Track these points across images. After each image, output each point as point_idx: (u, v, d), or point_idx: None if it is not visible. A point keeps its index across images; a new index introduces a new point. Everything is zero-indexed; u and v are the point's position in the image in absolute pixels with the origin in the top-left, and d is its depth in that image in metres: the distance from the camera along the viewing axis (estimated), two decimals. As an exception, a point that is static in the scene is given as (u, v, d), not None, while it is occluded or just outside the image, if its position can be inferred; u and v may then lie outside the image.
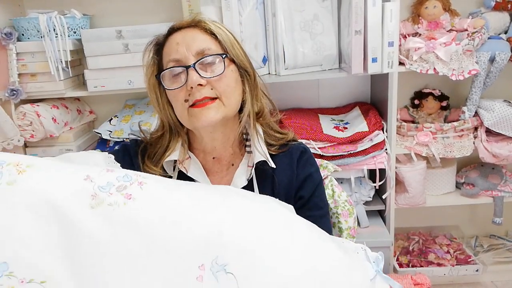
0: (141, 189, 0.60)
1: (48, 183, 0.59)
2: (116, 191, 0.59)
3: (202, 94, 0.81)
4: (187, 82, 0.81)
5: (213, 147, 0.90)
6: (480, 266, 1.77)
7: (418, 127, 1.65)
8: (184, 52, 0.83)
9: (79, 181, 0.60)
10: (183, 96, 0.82)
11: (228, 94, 0.83)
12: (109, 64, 1.55)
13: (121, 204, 0.58)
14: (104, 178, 0.61)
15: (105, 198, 0.58)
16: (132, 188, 0.60)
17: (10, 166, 0.59)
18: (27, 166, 0.60)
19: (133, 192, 0.59)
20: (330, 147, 1.54)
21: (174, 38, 0.86)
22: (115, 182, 0.60)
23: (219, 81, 0.82)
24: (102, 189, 0.59)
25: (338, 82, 1.84)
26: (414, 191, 1.66)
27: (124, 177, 0.61)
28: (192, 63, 0.81)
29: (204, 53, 0.83)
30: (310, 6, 1.54)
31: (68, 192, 0.58)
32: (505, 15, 1.67)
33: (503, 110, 1.58)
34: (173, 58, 0.84)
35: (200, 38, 0.84)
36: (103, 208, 0.58)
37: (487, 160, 1.64)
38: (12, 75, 1.53)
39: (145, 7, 1.72)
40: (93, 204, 0.58)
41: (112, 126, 1.67)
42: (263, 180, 0.90)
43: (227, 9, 1.44)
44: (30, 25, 1.51)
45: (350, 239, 1.11)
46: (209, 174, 0.90)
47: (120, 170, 0.64)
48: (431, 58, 1.54)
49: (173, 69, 0.83)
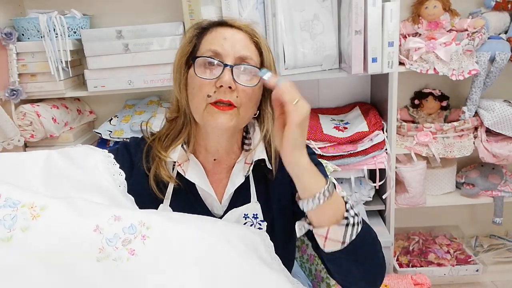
0: (144, 245, 0.64)
1: (59, 233, 0.61)
2: (122, 245, 0.63)
3: (227, 97, 0.80)
4: (220, 79, 0.80)
5: (216, 150, 0.90)
6: (480, 266, 1.77)
7: (418, 127, 1.65)
8: (228, 49, 0.82)
9: (89, 232, 0.63)
10: (208, 90, 0.81)
11: (246, 107, 0.83)
12: (109, 64, 1.55)
13: (124, 260, 0.62)
14: (112, 229, 0.64)
15: (111, 253, 0.62)
16: (136, 243, 0.64)
17: (24, 208, 0.61)
18: (41, 210, 0.62)
19: (136, 248, 0.64)
20: (330, 147, 1.54)
21: (223, 31, 0.85)
22: (121, 234, 0.64)
23: (246, 93, 0.82)
24: (109, 243, 0.63)
25: (338, 82, 1.84)
26: (414, 191, 1.66)
27: (130, 229, 0.65)
28: (231, 63, 0.81)
29: (245, 60, 0.83)
30: (310, 6, 1.54)
31: (78, 245, 0.62)
32: (505, 15, 1.67)
33: (503, 110, 1.58)
34: (214, 49, 0.82)
35: (248, 46, 0.84)
36: (108, 263, 0.62)
37: (487, 160, 1.64)
38: (12, 75, 1.53)
39: (145, 7, 1.72)
40: (99, 257, 0.62)
41: (112, 126, 1.67)
42: (259, 178, 0.90)
43: (227, 9, 1.44)
44: (30, 25, 1.51)
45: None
46: (209, 175, 0.90)
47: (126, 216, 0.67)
48: (431, 58, 1.54)
49: (211, 60, 0.82)
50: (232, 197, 0.89)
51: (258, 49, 0.86)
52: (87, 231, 0.63)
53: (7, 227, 0.59)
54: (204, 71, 0.82)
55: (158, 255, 0.64)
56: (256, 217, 0.87)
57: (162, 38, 1.53)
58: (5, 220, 0.59)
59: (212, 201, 0.89)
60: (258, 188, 0.90)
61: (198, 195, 0.89)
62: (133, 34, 1.52)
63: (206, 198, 0.89)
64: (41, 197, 0.64)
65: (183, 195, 0.87)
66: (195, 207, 0.87)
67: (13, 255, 0.58)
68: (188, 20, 1.49)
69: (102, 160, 0.83)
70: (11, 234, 0.59)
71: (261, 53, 0.86)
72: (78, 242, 0.62)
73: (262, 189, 0.90)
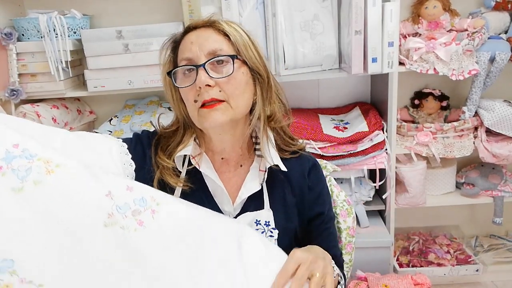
0: (153, 218, 0.64)
1: (71, 192, 0.61)
2: (131, 215, 0.63)
3: (210, 95, 0.81)
4: (196, 82, 0.81)
5: (222, 148, 0.90)
6: (480, 266, 1.77)
7: (418, 127, 1.65)
8: (196, 51, 0.83)
9: (100, 196, 0.62)
10: (193, 96, 0.82)
11: (236, 97, 0.83)
12: (109, 64, 1.55)
13: (132, 229, 0.62)
14: (123, 198, 0.64)
15: (119, 220, 0.62)
16: (145, 215, 0.63)
17: (40, 162, 0.60)
18: (56, 166, 0.61)
19: (145, 220, 0.63)
20: (330, 147, 1.54)
21: (189, 37, 0.86)
22: (131, 205, 0.64)
23: (227, 83, 0.82)
24: (119, 210, 0.62)
25: (338, 82, 1.84)
26: (414, 191, 1.66)
27: (140, 201, 0.65)
28: (203, 62, 0.82)
29: (215, 54, 0.83)
30: (310, 6, 1.54)
31: (88, 205, 0.61)
32: (505, 15, 1.67)
33: (503, 110, 1.58)
34: (186, 56, 0.84)
35: (214, 39, 0.84)
36: (115, 230, 0.61)
37: (487, 160, 1.64)
38: (12, 75, 1.53)
39: (145, 7, 1.72)
40: (107, 222, 0.61)
41: (112, 126, 1.67)
42: (273, 183, 0.90)
43: (227, 9, 1.44)
44: (30, 25, 1.51)
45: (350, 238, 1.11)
46: (217, 173, 0.91)
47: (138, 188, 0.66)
48: (431, 58, 1.54)
49: (184, 68, 0.84)
50: (245, 203, 0.89)
51: (226, 35, 0.85)
52: (99, 194, 0.62)
53: (20, 177, 0.59)
54: (184, 80, 0.84)
55: (165, 230, 0.64)
56: (268, 225, 0.87)
57: (162, 38, 1.50)
58: (19, 171, 0.59)
59: (223, 200, 0.89)
60: (272, 195, 0.90)
61: (209, 193, 0.89)
62: (133, 34, 1.52)
63: (217, 196, 0.89)
64: (59, 155, 0.63)
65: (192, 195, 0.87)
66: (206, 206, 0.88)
67: (20, 207, 0.58)
68: (188, 20, 1.49)
69: (116, 148, 0.85)
70: (23, 185, 0.58)
71: (230, 38, 0.85)
72: (88, 203, 0.61)
73: (278, 196, 0.91)
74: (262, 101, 0.88)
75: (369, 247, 1.58)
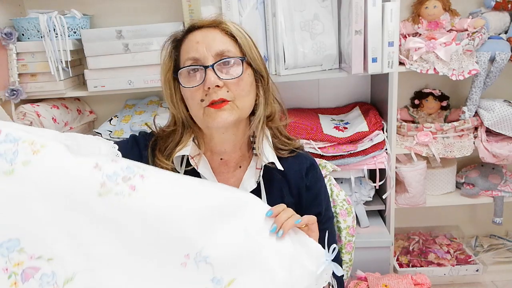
0: (143, 182, 0.66)
1: (60, 166, 0.62)
2: (122, 181, 0.64)
3: (219, 95, 0.81)
4: (205, 82, 0.81)
5: (223, 149, 0.90)
6: (480, 266, 1.77)
7: (418, 127, 1.65)
8: (204, 52, 0.83)
9: (89, 167, 0.64)
10: (200, 95, 0.83)
11: (242, 98, 0.84)
12: (109, 64, 1.55)
13: (126, 194, 0.64)
14: (111, 167, 0.65)
15: (113, 187, 0.63)
16: (135, 180, 0.65)
17: (25, 144, 0.62)
18: (41, 147, 0.62)
19: (137, 184, 0.65)
20: (330, 147, 1.54)
21: (194, 36, 0.86)
22: (120, 172, 0.65)
23: (235, 84, 0.83)
24: (110, 178, 0.64)
25: (338, 82, 1.84)
26: (414, 191, 1.66)
27: (128, 169, 0.66)
28: (211, 63, 0.82)
29: (223, 55, 0.83)
30: (310, 6, 1.54)
31: (79, 178, 0.63)
32: (505, 15, 1.67)
33: (503, 110, 1.58)
34: (192, 56, 0.84)
35: (221, 40, 0.85)
36: (111, 197, 0.63)
37: (487, 160, 1.64)
38: (12, 75, 1.53)
39: (145, 7, 1.72)
40: (101, 192, 0.63)
41: (112, 126, 1.67)
42: (270, 182, 0.91)
43: (227, 9, 1.44)
44: (30, 25, 1.51)
45: (350, 237, 1.11)
46: (216, 173, 0.91)
47: (122, 160, 0.68)
48: (431, 58, 1.54)
49: (191, 68, 0.83)
50: None
51: (233, 37, 0.86)
52: (87, 166, 0.64)
53: (8, 160, 0.60)
54: (190, 79, 0.84)
55: (158, 189, 0.66)
56: None
57: (162, 38, 1.51)
58: (6, 154, 0.60)
59: None
60: (269, 193, 0.90)
61: None
62: (133, 34, 1.52)
63: None
64: (39, 137, 0.64)
65: None
66: None
67: (15, 187, 0.60)
68: (188, 20, 1.49)
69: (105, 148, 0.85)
70: (13, 167, 0.60)
71: (236, 39, 0.86)
72: (79, 175, 0.63)
73: (275, 194, 0.91)
74: (264, 102, 0.89)
75: (369, 247, 1.58)
